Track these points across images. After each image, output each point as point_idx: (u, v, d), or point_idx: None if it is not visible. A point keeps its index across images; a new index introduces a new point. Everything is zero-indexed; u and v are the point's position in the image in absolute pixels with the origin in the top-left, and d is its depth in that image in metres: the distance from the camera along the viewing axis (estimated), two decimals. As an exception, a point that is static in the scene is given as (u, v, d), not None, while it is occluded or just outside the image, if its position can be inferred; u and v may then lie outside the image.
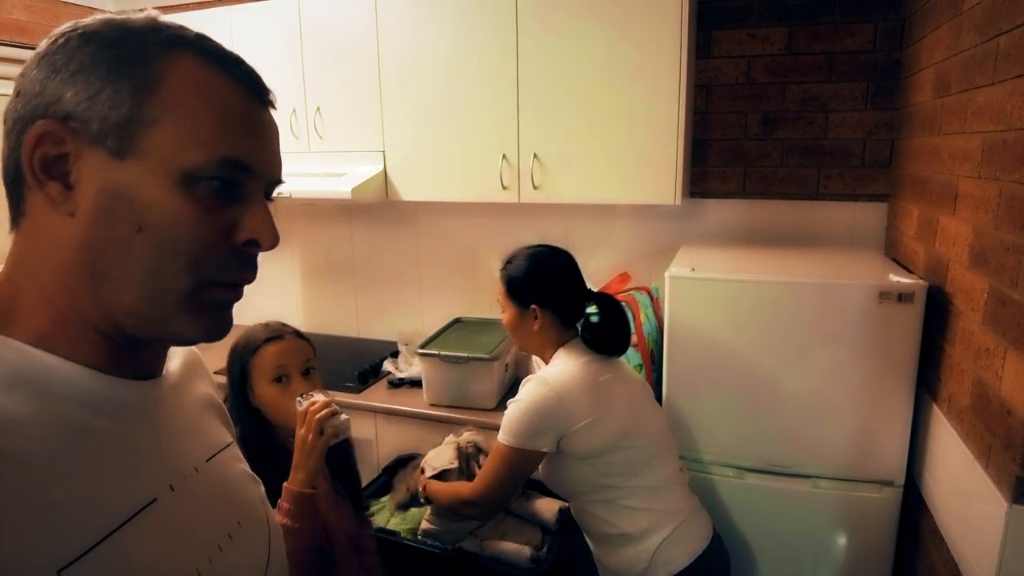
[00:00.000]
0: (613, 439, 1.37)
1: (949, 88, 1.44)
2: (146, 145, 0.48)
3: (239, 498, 0.65)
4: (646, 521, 1.39)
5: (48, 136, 0.47)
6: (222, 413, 0.72)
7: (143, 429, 0.55)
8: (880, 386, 1.54)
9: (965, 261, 1.31)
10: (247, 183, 0.53)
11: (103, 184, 0.48)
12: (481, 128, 2.06)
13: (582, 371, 1.40)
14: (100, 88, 0.48)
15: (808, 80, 2.00)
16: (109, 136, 0.48)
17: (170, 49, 0.50)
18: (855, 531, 1.63)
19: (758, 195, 2.12)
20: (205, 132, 0.50)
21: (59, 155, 0.48)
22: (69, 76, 0.48)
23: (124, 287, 0.49)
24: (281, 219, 2.71)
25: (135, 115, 0.48)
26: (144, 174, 0.48)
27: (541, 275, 1.47)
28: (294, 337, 1.31)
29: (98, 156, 0.48)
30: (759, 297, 1.60)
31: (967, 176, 1.31)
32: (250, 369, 1.27)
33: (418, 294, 2.64)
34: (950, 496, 1.34)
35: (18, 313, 0.50)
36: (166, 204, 0.49)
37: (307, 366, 1.29)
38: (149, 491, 0.52)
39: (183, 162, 0.49)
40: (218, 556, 0.57)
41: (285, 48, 2.27)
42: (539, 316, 1.45)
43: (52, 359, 0.49)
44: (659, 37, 1.81)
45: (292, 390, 1.24)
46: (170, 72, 0.49)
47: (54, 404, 0.48)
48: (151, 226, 0.48)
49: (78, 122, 0.48)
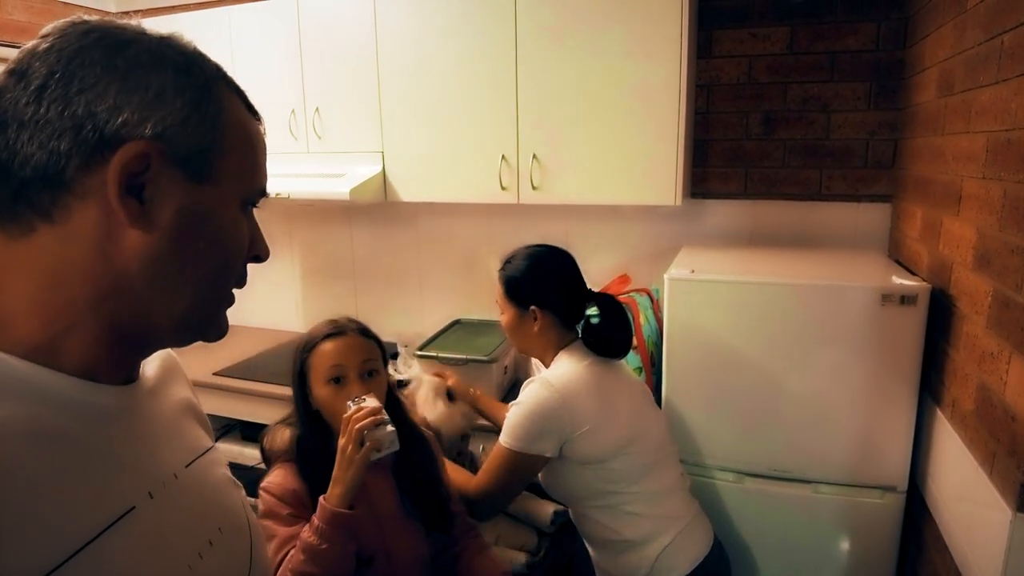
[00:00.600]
0: (616, 445, 1.34)
1: (953, 87, 1.42)
2: (219, 172, 0.54)
3: (220, 504, 0.64)
4: (648, 527, 1.37)
5: (140, 155, 0.48)
6: (201, 417, 0.71)
7: (121, 435, 0.54)
8: (882, 390, 1.52)
9: (969, 263, 1.28)
10: None
11: (183, 204, 0.52)
12: (480, 129, 2.05)
13: (585, 374, 1.36)
14: (187, 116, 0.51)
15: (810, 80, 1.98)
16: (192, 161, 0.52)
17: (219, 82, 0.55)
18: (857, 537, 1.61)
19: (759, 196, 2.10)
20: (252, 163, 0.58)
21: (140, 172, 0.49)
22: (153, 98, 0.49)
23: (181, 296, 0.54)
24: (280, 220, 2.75)
25: (214, 144, 0.53)
26: (219, 198, 0.54)
27: (540, 275, 1.44)
28: (356, 334, 1.22)
29: (175, 177, 0.51)
30: (760, 299, 1.58)
31: (971, 177, 1.29)
32: (308, 367, 1.20)
33: (418, 295, 2.63)
34: (954, 503, 1.32)
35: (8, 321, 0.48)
36: (234, 227, 0.57)
37: (368, 367, 1.19)
38: (127, 499, 0.51)
39: (243, 191, 0.57)
40: (199, 564, 0.56)
41: (284, 49, 2.26)
42: (539, 317, 1.42)
43: (26, 366, 0.48)
44: (660, 37, 1.79)
45: (346, 392, 1.15)
46: (227, 105, 0.55)
47: (30, 410, 0.47)
48: (221, 242, 0.56)
49: (166, 144, 0.50)
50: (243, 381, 2.28)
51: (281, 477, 1.16)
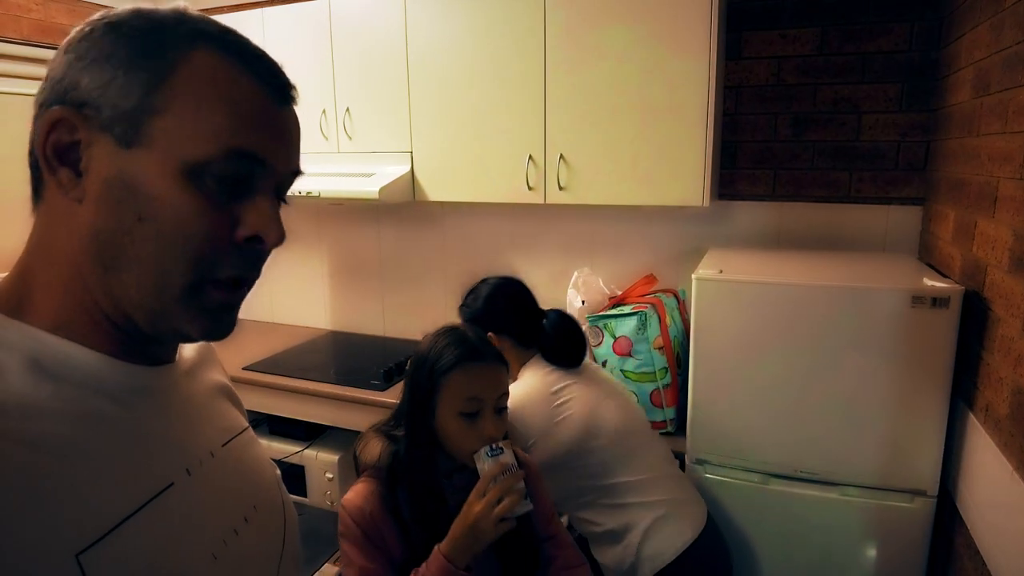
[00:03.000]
0: (571, 443, 1.44)
1: (989, 87, 1.40)
2: (152, 135, 0.48)
3: (255, 482, 0.65)
4: (626, 516, 1.44)
5: (62, 122, 0.48)
6: (235, 399, 0.72)
7: (158, 414, 0.55)
8: (913, 393, 1.50)
9: (1005, 265, 1.27)
10: (258, 179, 0.52)
11: (109, 172, 0.48)
12: (507, 129, 2.06)
13: (538, 386, 1.51)
14: (114, 76, 0.48)
15: (840, 81, 1.96)
16: (117, 124, 0.48)
17: (190, 41, 0.50)
18: (885, 542, 1.59)
19: (788, 198, 2.09)
20: (212, 124, 0.49)
21: (72, 142, 0.48)
22: (88, 63, 0.48)
23: (128, 278, 0.49)
24: (310, 219, 2.80)
25: (144, 104, 0.48)
26: (149, 164, 0.48)
27: (491, 306, 1.58)
28: (495, 362, 1.10)
29: (107, 144, 0.48)
30: (787, 300, 1.57)
31: (1007, 178, 1.27)
32: (439, 388, 1.07)
33: (443, 294, 2.66)
34: (987, 509, 1.30)
35: (34, 298, 0.51)
36: (168, 196, 0.48)
37: (503, 403, 1.09)
38: (166, 476, 0.53)
39: (188, 154, 0.48)
40: (234, 540, 0.57)
41: (316, 50, 2.30)
42: (497, 342, 1.51)
43: (68, 345, 0.50)
44: (689, 38, 1.79)
45: (480, 432, 1.05)
46: (184, 63, 0.49)
47: (70, 390, 0.48)
48: (152, 217, 0.48)
49: (91, 109, 0.48)
50: (272, 376, 2.32)
51: (362, 497, 1.09)
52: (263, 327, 2.96)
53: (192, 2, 0.48)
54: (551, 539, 1.18)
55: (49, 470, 0.44)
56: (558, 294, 2.23)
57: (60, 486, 0.44)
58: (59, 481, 0.44)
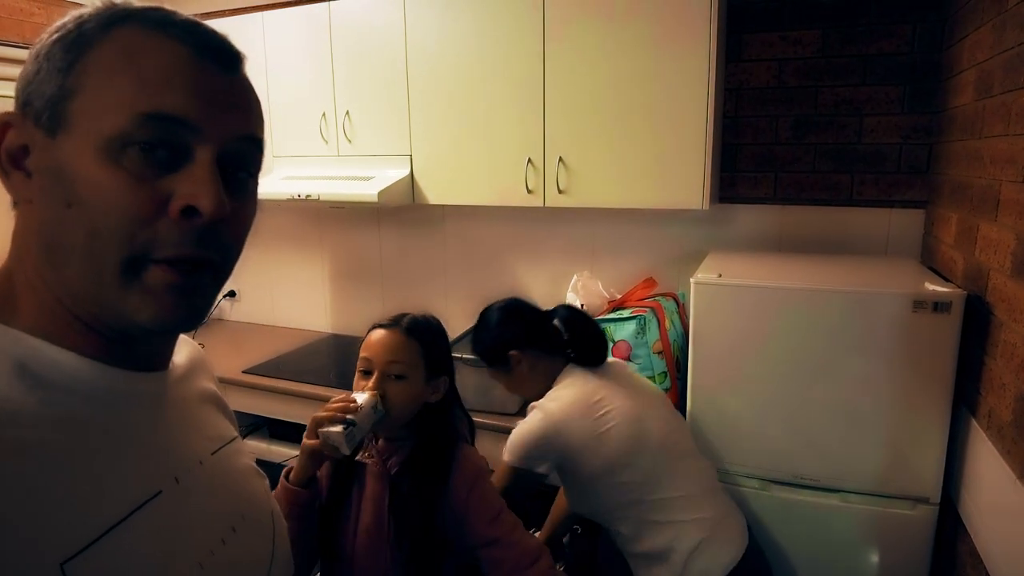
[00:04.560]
0: (615, 456, 1.38)
1: (992, 89, 1.39)
2: (71, 118, 0.46)
3: (244, 492, 0.65)
4: (670, 535, 1.37)
5: (10, 127, 0.48)
6: (225, 408, 0.72)
7: (147, 422, 0.55)
8: (914, 399, 1.48)
9: (1007, 269, 1.25)
10: (194, 148, 0.48)
11: (43, 164, 0.48)
12: (507, 132, 2.06)
13: (578, 396, 1.43)
14: (38, 70, 0.47)
15: (842, 83, 1.95)
16: (43, 114, 0.47)
17: (112, 24, 0.48)
18: (887, 549, 1.57)
19: (789, 201, 2.07)
20: (124, 93, 0.46)
21: (22, 145, 0.48)
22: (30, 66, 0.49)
23: (70, 271, 0.48)
24: (311, 222, 2.80)
25: (62, 88, 0.47)
26: (71, 148, 0.46)
27: (506, 327, 1.53)
28: (400, 331, 1.15)
29: (40, 137, 0.47)
30: (788, 305, 1.55)
31: (1010, 181, 1.26)
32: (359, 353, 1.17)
33: (443, 297, 2.65)
34: (990, 516, 1.28)
35: (18, 302, 0.50)
36: (90, 176, 0.46)
37: (395, 370, 1.12)
38: (154, 484, 0.52)
39: (103, 128, 0.46)
40: (221, 550, 0.56)
41: (316, 53, 2.30)
42: (522, 358, 1.50)
43: (54, 349, 0.49)
44: (688, 40, 1.78)
45: (364, 386, 1.12)
46: (99, 43, 0.47)
47: (57, 396, 0.48)
48: (78, 201, 0.46)
49: (28, 107, 0.48)
50: (272, 379, 2.32)
51: None
52: (263, 330, 2.96)
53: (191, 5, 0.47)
54: (495, 543, 1.13)
55: (36, 477, 0.43)
56: (558, 297, 2.22)
57: (47, 494, 0.43)
58: (46, 489, 0.44)
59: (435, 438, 1.17)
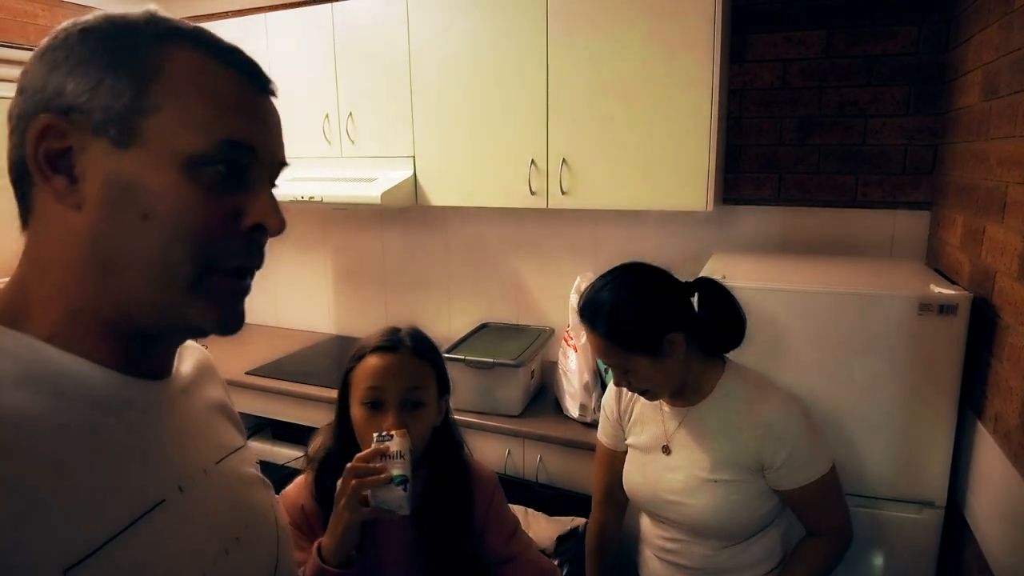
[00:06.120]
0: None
1: (998, 90, 1.38)
2: (148, 133, 0.49)
3: (248, 501, 0.64)
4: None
5: (51, 130, 0.48)
6: (233, 417, 0.71)
7: (153, 429, 0.54)
8: (920, 402, 1.47)
9: (1014, 272, 1.24)
10: (252, 170, 0.54)
11: (108, 175, 0.48)
12: (510, 133, 2.05)
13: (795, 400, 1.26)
14: (100, 79, 0.48)
15: (847, 84, 1.94)
16: (111, 126, 0.48)
17: (167, 40, 0.51)
18: (892, 553, 1.56)
19: (793, 202, 2.06)
20: (204, 117, 0.50)
21: (63, 148, 0.48)
22: (69, 70, 0.48)
23: (135, 277, 0.50)
24: (314, 223, 2.80)
25: (136, 104, 0.48)
26: (148, 162, 0.49)
27: (651, 300, 1.19)
28: (408, 353, 1.04)
29: (102, 147, 0.48)
30: (792, 307, 1.54)
31: (1017, 183, 1.25)
32: (351, 380, 1.05)
33: (446, 299, 2.65)
34: (996, 521, 1.27)
35: (31, 310, 0.50)
36: (170, 191, 0.49)
37: (411, 396, 1.02)
38: (158, 492, 0.52)
39: (185, 148, 0.49)
40: (224, 559, 0.56)
41: (319, 55, 2.30)
42: (678, 341, 1.17)
43: (64, 356, 0.49)
44: (692, 41, 1.78)
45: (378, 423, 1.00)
46: (168, 62, 0.50)
47: (65, 402, 0.48)
48: (156, 214, 0.49)
49: (80, 114, 0.48)
50: (275, 381, 2.32)
51: (296, 489, 1.10)
52: (267, 331, 2.96)
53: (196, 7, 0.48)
54: (512, 560, 1.10)
55: (41, 484, 0.43)
56: (560, 298, 2.21)
57: (51, 500, 0.43)
58: (51, 495, 0.43)
59: (448, 465, 1.09)
